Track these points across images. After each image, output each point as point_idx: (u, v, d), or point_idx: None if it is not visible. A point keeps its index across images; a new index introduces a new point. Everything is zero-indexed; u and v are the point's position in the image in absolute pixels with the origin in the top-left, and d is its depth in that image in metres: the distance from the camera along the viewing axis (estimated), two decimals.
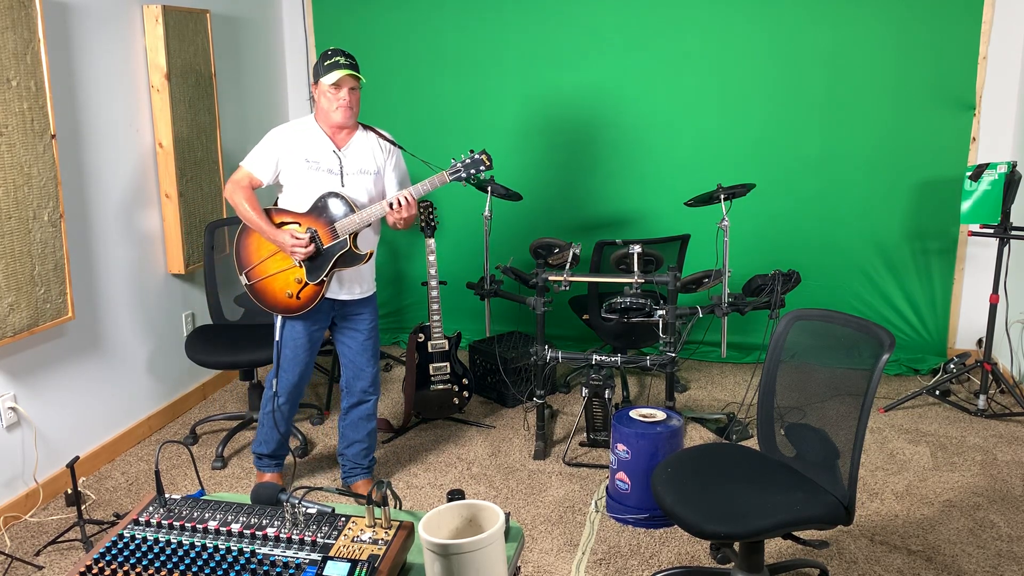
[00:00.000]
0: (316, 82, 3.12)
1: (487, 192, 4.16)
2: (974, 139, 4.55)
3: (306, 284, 3.15)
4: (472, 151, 3.18)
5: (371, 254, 3.19)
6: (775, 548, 3.02)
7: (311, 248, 3.08)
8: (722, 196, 3.87)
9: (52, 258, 3.31)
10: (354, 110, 3.14)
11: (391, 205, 3.08)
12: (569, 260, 3.77)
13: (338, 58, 3.06)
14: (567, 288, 3.72)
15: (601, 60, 4.86)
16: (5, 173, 3.07)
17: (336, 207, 3.10)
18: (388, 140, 3.28)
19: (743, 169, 4.75)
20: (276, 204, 3.24)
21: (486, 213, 4.17)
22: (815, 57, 4.63)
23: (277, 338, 3.26)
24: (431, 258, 3.97)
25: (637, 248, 3.74)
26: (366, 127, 3.26)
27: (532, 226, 5.02)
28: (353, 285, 3.27)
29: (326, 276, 3.14)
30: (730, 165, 4.79)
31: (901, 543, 3.07)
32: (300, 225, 3.12)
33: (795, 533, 2.50)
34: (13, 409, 3.30)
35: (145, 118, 3.99)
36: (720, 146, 4.82)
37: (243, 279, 3.21)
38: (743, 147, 4.79)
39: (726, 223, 3.82)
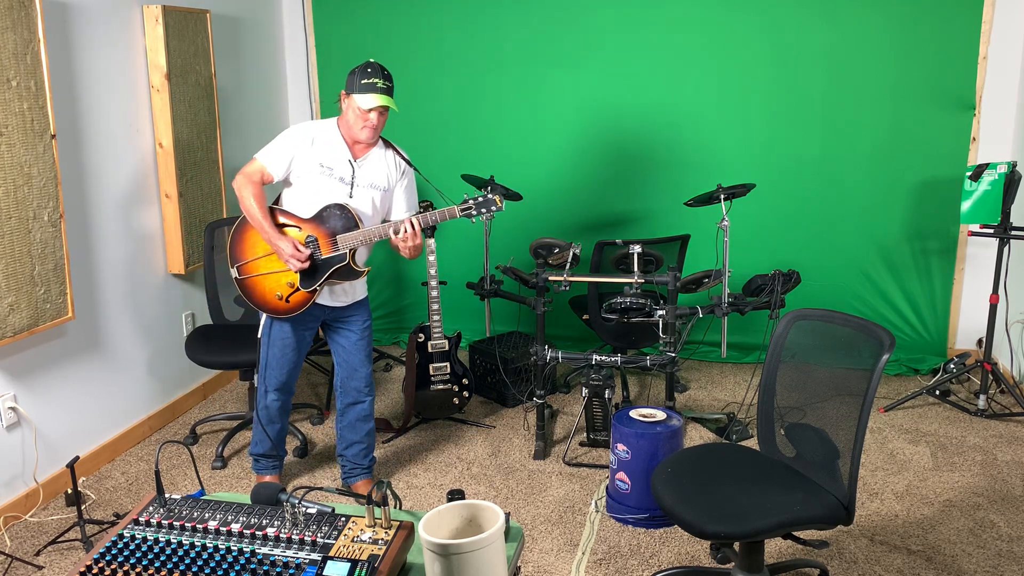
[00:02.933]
0: (348, 93, 3.03)
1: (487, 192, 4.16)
2: (974, 139, 4.55)
3: (297, 289, 3.13)
4: (487, 192, 3.11)
5: (367, 271, 3.19)
6: (775, 548, 3.02)
7: (307, 264, 3.05)
8: (722, 196, 3.86)
9: (52, 258, 3.31)
10: (379, 131, 3.11)
11: (395, 232, 3.04)
12: (569, 260, 3.77)
13: (377, 80, 2.97)
14: (567, 288, 3.72)
15: (601, 60, 4.85)
16: (5, 173, 3.07)
17: (341, 219, 3.06)
18: (405, 160, 3.24)
19: (743, 169, 4.75)
20: (279, 201, 3.21)
21: None
22: (815, 57, 4.63)
23: (260, 335, 3.25)
24: (431, 258, 3.97)
25: (637, 248, 3.74)
26: (387, 143, 3.23)
27: (532, 226, 5.01)
28: (343, 295, 3.26)
29: (319, 286, 3.12)
30: (730, 165, 4.78)
31: (901, 543, 3.07)
32: (301, 230, 3.10)
33: (795, 533, 2.50)
34: (13, 409, 3.30)
35: (145, 118, 3.99)
36: (720, 146, 4.82)
37: (234, 272, 3.18)
38: (743, 147, 4.79)
39: (726, 223, 3.82)
